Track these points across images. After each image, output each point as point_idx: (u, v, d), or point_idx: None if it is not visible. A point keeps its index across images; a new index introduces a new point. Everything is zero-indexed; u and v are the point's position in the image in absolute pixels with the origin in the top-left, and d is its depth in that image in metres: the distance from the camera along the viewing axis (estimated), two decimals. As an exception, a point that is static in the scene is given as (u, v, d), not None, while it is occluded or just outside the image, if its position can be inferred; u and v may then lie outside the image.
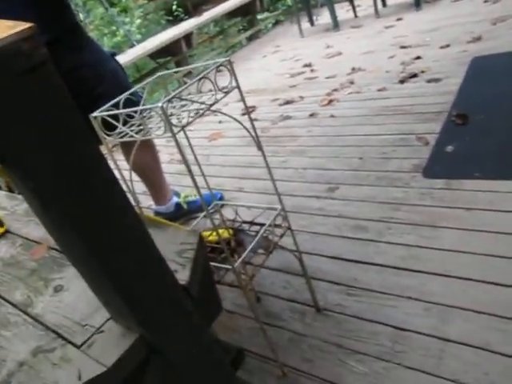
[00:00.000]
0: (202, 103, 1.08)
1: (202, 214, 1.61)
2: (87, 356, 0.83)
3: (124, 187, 1.00)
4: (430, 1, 5.09)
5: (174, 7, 15.59)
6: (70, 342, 0.88)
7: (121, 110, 1.09)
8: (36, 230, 1.35)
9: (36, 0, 1.70)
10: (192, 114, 1.09)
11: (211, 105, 1.09)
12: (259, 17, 7.13)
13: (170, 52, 5.42)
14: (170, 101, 1.01)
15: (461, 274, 1.55)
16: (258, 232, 1.43)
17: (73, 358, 0.84)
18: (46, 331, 0.93)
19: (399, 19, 4.86)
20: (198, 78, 1.06)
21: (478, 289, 1.48)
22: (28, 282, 1.13)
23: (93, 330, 0.89)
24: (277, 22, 8.03)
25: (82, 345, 0.86)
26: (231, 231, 1.52)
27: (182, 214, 2.39)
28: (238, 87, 1.15)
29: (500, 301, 1.40)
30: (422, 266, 1.64)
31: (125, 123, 1.14)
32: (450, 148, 2.24)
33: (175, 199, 2.41)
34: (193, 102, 1.10)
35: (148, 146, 2.15)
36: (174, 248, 1.09)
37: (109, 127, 1.15)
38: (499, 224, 1.69)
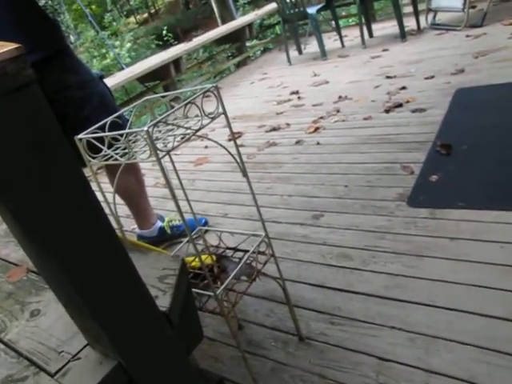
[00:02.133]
0: (188, 128, 1.08)
1: (185, 240, 1.59)
2: (61, 385, 0.80)
3: (107, 210, 0.99)
4: (414, 33, 5.22)
5: (164, 32, 15.81)
6: (44, 370, 0.85)
7: (106, 133, 1.08)
8: (15, 251, 1.32)
9: (25, 20, 1.71)
10: (178, 139, 1.08)
11: (197, 130, 1.09)
12: (248, 44, 7.23)
13: (159, 76, 5.45)
14: (155, 125, 1.01)
15: (445, 304, 1.54)
16: (241, 259, 1.42)
17: (45, 388, 0.81)
18: (19, 358, 0.90)
19: (385, 50, 4.96)
20: (185, 103, 1.06)
21: (462, 319, 1.47)
22: (3, 306, 1.10)
23: (69, 356, 0.86)
24: (265, 50, 8.16)
25: (56, 373, 0.83)
26: (214, 257, 1.51)
27: (165, 238, 2.37)
28: (225, 113, 1.15)
29: (484, 332, 1.40)
30: (406, 296, 1.63)
31: (110, 146, 1.13)
32: (434, 177, 2.26)
33: (159, 223, 2.38)
34: (179, 126, 1.09)
35: (133, 170, 2.13)
36: (156, 273, 1.07)
37: (94, 149, 1.14)
38: (482, 254, 1.70)
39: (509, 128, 2.52)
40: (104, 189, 1.25)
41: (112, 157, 1.12)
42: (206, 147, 3.52)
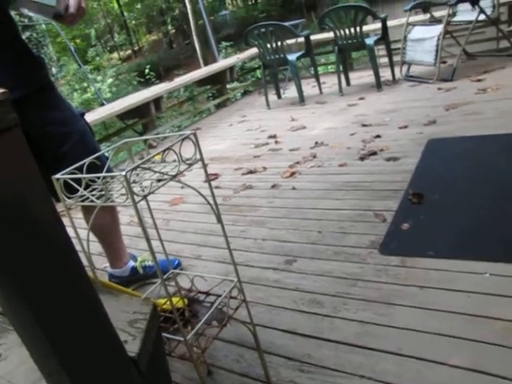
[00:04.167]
0: (165, 174, 1.10)
1: (157, 281, 1.58)
2: None
3: (79, 247, 0.99)
4: (389, 83, 5.42)
5: (147, 70, 16.03)
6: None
7: (84, 175, 1.10)
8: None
9: (8, 56, 1.73)
10: (154, 183, 1.10)
11: (174, 176, 1.11)
12: (229, 86, 7.38)
13: (139, 114, 5.49)
14: (134, 169, 1.03)
15: (414, 353, 1.55)
16: (212, 303, 1.41)
17: None
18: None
19: (361, 98, 5.12)
20: (163, 149, 1.09)
21: (431, 369, 1.48)
22: (-38, 348, 1.07)
23: (30, 405, 0.84)
24: (245, 92, 8.32)
25: (16, 423, 0.81)
26: (186, 301, 1.50)
27: (137, 278, 2.34)
28: (202, 160, 1.18)
29: (450, 382, 1.41)
30: (375, 344, 1.64)
31: (87, 186, 1.14)
32: (405, 226, 2.31)
33: (131, 263, 2.36)
34: (156, 172, 1.11)
35: (109, 209, 2.12)
36: (126, 317, 1.06)
37: (70, 188, 1.15)
38: (450, 303, 1.73)
39: (477, 179, 2.62)
40: (78, 224, 1.25)
41: (88, 198, 1.13)
42: (182, 187, 3.52)
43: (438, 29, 4.81)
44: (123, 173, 0.95)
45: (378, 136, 3.74)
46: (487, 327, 1.58)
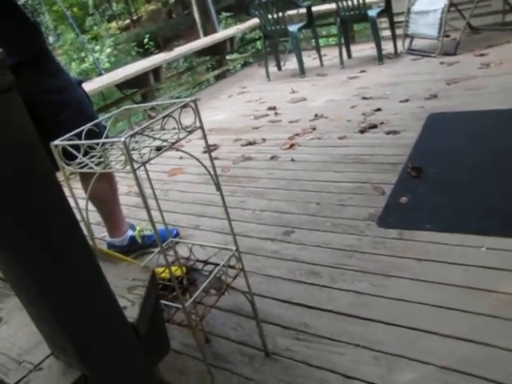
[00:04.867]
0: (165, 141, 1.09)
1: (156, 250, 1.59)
2: (20, 397, 0.79)
3: (78, 216, 0.99)
4: (391, 57, 5.35)
5: (146, 40, 15.78)
6: (2, 382, 0.83)
7: (82, 141, 1.09)
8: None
9: (5, 24, 1.70)
10: (154, 151, 1.09)
11: (173, 143, 1.10)
12: (228, 57, 7.28)
13: (138, 84, 5.43)
14: (132, 136, 1.02)
15: (409, 323, 1.57)
16: (211, 272, 1.42)
17: (3, 400, 0.79)
18: (-24, 368, 0.88)
19: (363, 71, 5.07)
20: (163, 115, 1.08)
21: (425, 339, 1.50)
22: (-36, 312, 1.07)
23: (30, 367, 0.85)
24: (245, 64, 8.22)
25: (15, 384, 0.82)
26: (184, 269, 1.51)
27: (135, 247, 2.35)
28: (202, 128, 1.17)
29: (445, 352, 1.43)
30: (371, 314, 1.66)
31: (85, 154, 1.14)
32: (404, 199, 2.32)
33: (130, 232, 2.37)
34: (155, 139, 1.10)
35: (107, 177, 2.12)
36: (126, 284, 1.07)
37: (69, 155, 1.14)
38: (447, 276, 1.74)
39: (477, 154, 2.61)
40: (77, 194, 1.25)
41: (87, 165, 1.12)
42: (181, 158, 3.52)
43: (443, 1, 4.72)
44: (122, 139, 0.95)
45: (379, 109, 3.71)
46: (482, 299, 1.60)
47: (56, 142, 1.13)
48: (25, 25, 1.80)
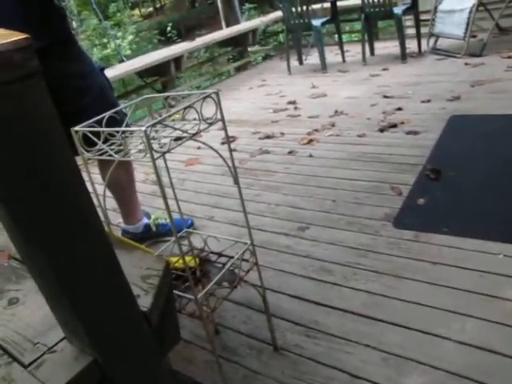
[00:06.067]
0: (185, 131, 1.09)
1: (170, 239, 1.59)
2: (33, 377, 0.80)
3: (95, 202, 0.99)
4: (415, 55, 5.28)
5: (168, 29, 15.78)
6: (17, 361, 0.84)
7: (103, 129, 1.09)
8: (-1, 235, 1.32)
9: (30, 7, 1.71)
10: (173, 141, 1.09)
11: (194, 134, 1.10)
12: (250, 49, 7.25)
13: (159, 72, 5.45)
14: (153, 125, 1.02)
15: (420, 327, 1.56)
16: (224, 264, 1.42)
17: (16, 379, 0.80)
18: (-8, 346, 0.89)
19: (385, 69, 5.01)
20: (184, 106, 1.07)
21: (435, 344, 1.49)
22: (-20, 291, 1.09)
23: (44, 349, 0.86)
24: (266, 56, 8.18)
25: (29, 364, 0.82)
26: (198, 260, 1.51)
27: (150, 235, 2.36)
28: (223, 120, 1.16)
29: (456, 358, 1.42)
30: (382, 315, 1.65)
31: (105, 141, 1.14)
32: (421, 201, 2.29)
33: (145, 220, 2.38)
34: (176, 129, 1.10)
35: (125, 165, 2.13)
36: (140, 272, 1.07)
37: (89, 141, 1.15)
38: (461, 281, 1.73)
39: (498, 159, 2.57)
40: (94, 180, 1.25)
41: (106, 152, 1.12)
42: (199, 148, 3.50)
43: (472, 0, 4.63)
44: (143, 128, 0.94)
45: (400, 108, 3.67)
46: (496, 307, 1.58)
47: (77, 128, 1.13)
48: (51, 9, 1.80)
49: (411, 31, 5.62)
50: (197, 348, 1.65)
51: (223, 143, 1.80)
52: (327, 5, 5.72)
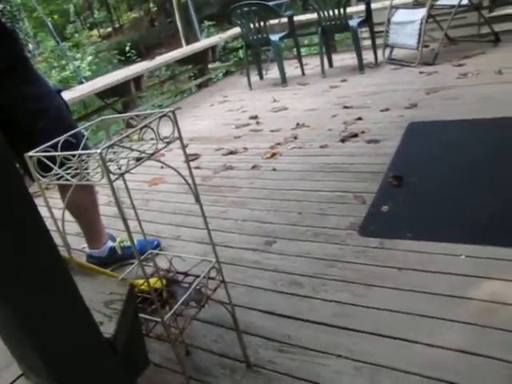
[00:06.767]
0: (143, 152, 1.08)
1: (135, 262, 1.56)
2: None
3: (54, 227, 0.96)
4: (372, 66, 5.40)
5: (128, 48, 15.72)
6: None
7: (58, 153, 1.06)
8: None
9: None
10: (131, 162, 1.08)
11: (152, 154, 1.08)
12: (210, 66, 7.27)
13: (119, 92, 5.39)
14: (110, 147, 1.00)
15: (390, 333, 1.57)
16: (191, 284, 1.40)
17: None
18: None
19: (344, 80, 5.10)
20: (140, 126, 1.06)
21: (407, 349, 1.50)
22: None
23: (1, 388, 0.82)
24: (227, 73, 8.22)
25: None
26: (164, 281, 1.49)
27: (116, 259, 2.31)
28: (180, 139, 1.15)
29: (428, 361, 1.43)
30: (353, 324, 1.65)
31: (62, 165, 1.11)
32: (385, 208, 2.33)
33: (110, 243, 2.33)
34: (133, 150, 1.09)
35: (87, 188, 2.09)
36: (102, 298, 1.05)
37: (45, 166, 1.12)
38: (427, 284, 1.75)
39: (456, 163, 2.64)
40: (55, 204, 1.22)
41: (63, 176, 1.10)
42: (162, 167, 3.48)
43: (421, 12, 4.80)
44: (98, 150, 0.93)
45: (360, 118, 3.74)
46: (462, 307, 1.61)
47: (31, 153, 1.10)
48: (1, 33, 1.77)
49: (367, 42, 5.77)
50: (168, 371, 1.61)
51: (185, 161, 1.79)
52: (284, 20, 5.81)
